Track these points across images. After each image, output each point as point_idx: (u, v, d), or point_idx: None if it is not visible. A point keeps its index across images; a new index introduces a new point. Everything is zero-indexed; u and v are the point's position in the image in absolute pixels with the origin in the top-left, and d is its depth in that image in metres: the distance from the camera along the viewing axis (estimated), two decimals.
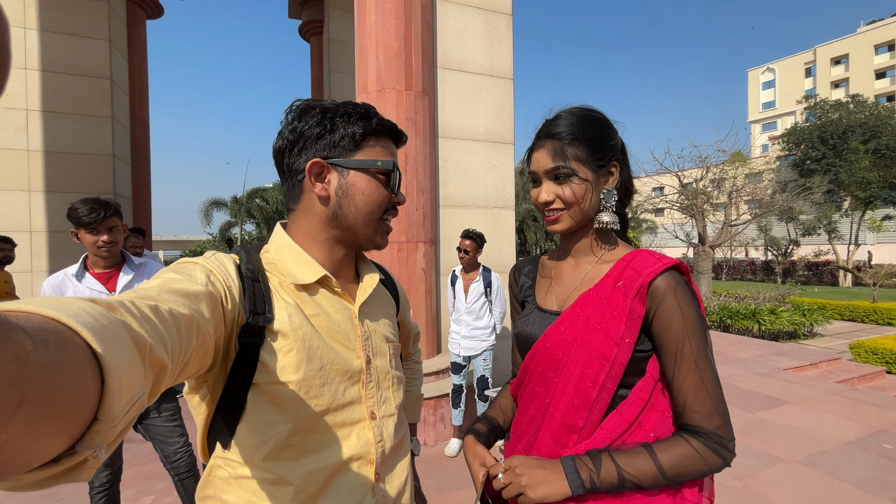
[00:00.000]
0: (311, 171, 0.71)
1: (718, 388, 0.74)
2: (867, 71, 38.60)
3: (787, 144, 20.17)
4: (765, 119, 46.58)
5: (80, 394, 0.26)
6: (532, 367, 0.85)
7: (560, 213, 0.82)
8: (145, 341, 0.36)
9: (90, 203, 1.75)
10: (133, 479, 2.85)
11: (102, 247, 1.79)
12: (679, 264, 0.77)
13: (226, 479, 0.69)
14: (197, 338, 0.50)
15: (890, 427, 3.65)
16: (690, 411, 0.73)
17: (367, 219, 0.74)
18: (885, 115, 18.24)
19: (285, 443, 0.66)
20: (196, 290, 0.55)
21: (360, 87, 3.58)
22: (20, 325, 0.24)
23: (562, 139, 0.80)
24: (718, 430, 0.72)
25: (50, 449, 0.26)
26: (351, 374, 0.73)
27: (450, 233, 3.87)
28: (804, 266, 20.28)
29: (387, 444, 0.76)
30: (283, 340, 0.66)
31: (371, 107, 0.75)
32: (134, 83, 7.47)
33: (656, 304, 0.74)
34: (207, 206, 21.82)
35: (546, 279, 0.93)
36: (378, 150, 0.74)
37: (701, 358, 0.73)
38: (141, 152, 7.57)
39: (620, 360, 0.74)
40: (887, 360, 5.69)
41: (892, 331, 8.48)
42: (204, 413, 0.69)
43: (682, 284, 0.75)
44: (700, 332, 0.74)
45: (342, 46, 7.66)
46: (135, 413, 0.33)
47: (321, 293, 0.73)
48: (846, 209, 18.65)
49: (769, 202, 12.94)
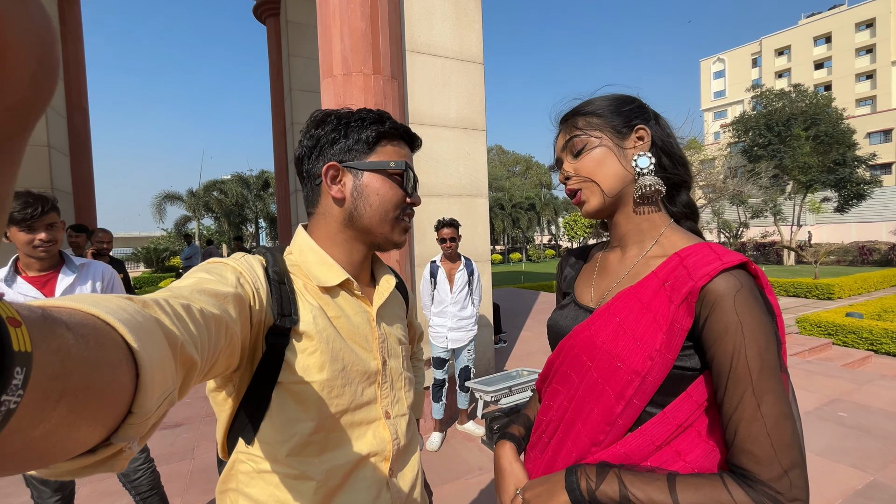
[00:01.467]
0: (326, 175, 0.74)
1: (787, 429, 0.56)
2: (807, 62, 41.13)
3: (737, 132, 21.21)
4: (716, 107, 48.84)
5: (116, 387, 0.28)
6: (557, 365, 0.79)
7: (580, 190, 0.75)
8: (177, 339, 0.37)
9: (24, 197, 1.54)
10: (88, 498, 2.62)
11: (40, 246, 1.58)
12: (748, 263, 0.62)
13: (249, 473, 0.70)
14: (225, 337, 0.52)
15: (842, 396, 3.91)
16: (739, 450, 0.58)
17: (383, 218, 0.76)
18: (824, 104, 19.45)
19: (308, 440, 0.68)
20: (226, 292, 0.56)
21: (325, 70, 3.38)
22: (63, 321, 0.25)
23: (575, 114, 0.77)
24: (775, 482, 0.54)
25: (88, 439, 0.27)
26: (368, 376, 0.76)
27: (423, 222, 3.77)
28: (753, 247, 21.55)
29: (401, 441, 0.80)
30: (307, 342, 0.68)
31: (385, 112, 0.78)
32: (69, 67, 6.81)
33: (707, 311, 0.61)
34: (160, 200, 20.61)
35: (590, 271, 0.86)
36: (391, 152, 0.76)
37: (763, 383, 0.57)
38: (81, 143, 6.95)
39: (654, 376, 0.63)
40: (829, 331, 6.11)
41: (832, 304, 9.15)
42: (228, 410, 0.70)
43: (748, 289, 0.60)
44: (764, 349, 0.58)
45: (302, 29, 7.28)
46: (166, 408, 0.34)
47: (342, 295, 0.76)
48: (789, 192, 19.89)
49: (722, 187, 13.60)
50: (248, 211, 22.37)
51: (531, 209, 28.83)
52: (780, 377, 0.59)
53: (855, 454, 2.89)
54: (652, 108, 0.78)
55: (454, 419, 3.57)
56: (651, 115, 0.76)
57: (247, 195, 21.89)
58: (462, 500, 2.54)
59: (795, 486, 0.54)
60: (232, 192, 21.29)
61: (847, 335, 5.91)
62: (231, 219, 21.62)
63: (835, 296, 9.87)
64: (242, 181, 21.98)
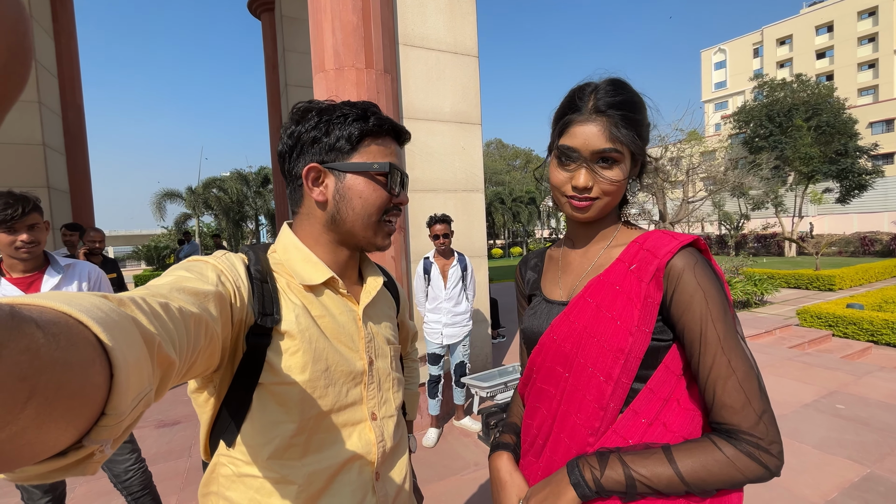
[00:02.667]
0: (307, 177, 0.71)
1: (754, 380, 0.63)
2: (809, 51, 40.75)
3: (738, 123, 21.05)
4: (717, 98, 48.49)
5: (88, 388, 0.27)
6: (539, 363, 0.77)
7: (593, 201, 0.72)
8: (154, 338, 0.36)
9: (4, 198, 1.52)
10: (84, 498, 2.63)
11: (22, 248, 1.56)
12: (697, 240, 0.69)
13: (229, 476, 0.69)
14: (205, 337, 0.50)
15: (840, 388, 3.90)
16: (719, 406, 0.63)
17: (365, 222, 0.73)
18: (825, 94, 19.28)
19: (289, 442, 0.67)
20: (206, 290, 0.55)
21: (317, 65, 3.34)
22: (33, 319, 0.24)
23: (616, 118, 0.69)
24: (753, 429, 0.61)
25: (57, 442, 0.26)
26: (354, 376, 0.74)
27: (418, 218, 3.75)
28: (754, 238, 21.47)
29: (387, 443, 0.77)
30: (289, 341, 0.66)
31: (370, 105, 0.74)
32: (63, 64, 6.76)
33: (673, 285, 0.66)
34: (160, 198, 20.57)
35: (553, 269, 0.85)
36: (376, 151, 0.73)
37: (729, 343, 0.64)
38: (76, 141, 6.91)
39: (636, 351, 0.66)
40: (830, 323, 6.10)
41: (833, 296, 9.13)
42: (209, 412, 0.69)
43: (702, 262, 0.67)
44: (725, 314, 0.65)
45: (297, 24, 7.22)
46: (142, 409, 0.33)
47: (327, 294, 0.74)
48: (791, 184, 19.78)
49: (723, 179, 13.52)
50: (247, 208, 22.32)
51: (531, 203, 28.74)
52: (741, 336, 0.66)
53: (852, 446, 2.88)
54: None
55: (450, 415, 3.57)
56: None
57: (246, 192, 21.85)
58: (458, 495, 2.54)
59: (770, 430, 0.62)
60: (231, 189, 21.24)
61: (847, 326, 5.89)
62: (230, 216, 21.58)
63: (836, 287, 9.85)
64: (242, 178, 21.92)
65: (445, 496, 2.53)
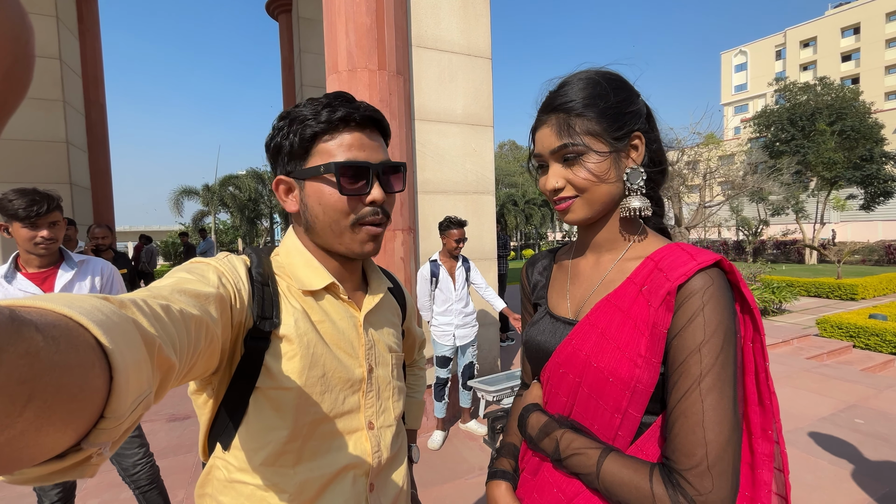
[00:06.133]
0: (278, 189, 0.71)
1: (724, 430, 0.54)
2: (834, 54, 39.65)
3: (758, 126, 20.59)
4: (737, 101, 47.50)
5: (88, 390, 0.27)
6: (544, 382, 0.74)
7: (572, 200, 0.68)
8: (154, 340, 0.36)
9: (29, 195, 1.57)
10: (97, 488, 2.69)
11: (41, 243, 1.61)
12: (721, 261, 0.61)
13: (222, 480, 0.69)
14: (205, 339, 0.50)
15: (860, 402, 3.78)
16: (673, 445, 0.56)
17: (332, 228, 0.69)
18: (850, 98, 18.75)
19: (282, 449, 0.66)
20: (207, 292, 0.55)
21: (330, 66, 3.37)
22: (33, 322, 0.24)
23: (568, 111, 0.66)
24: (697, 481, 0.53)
25: (56, 444, 0.26)
26: (352, 383, 0.72)
27: (428, 219, 3.75)
28: (773, 245, 20.98)
29: (383, 454, 0.75)
30: (287, 345, 0.66)
31: (336, 97, 0.68)
32: (87, 63, 6.95)
33: (677, 308, 0.60)
34: (177, 195, 20.99)
35: (562, 279, 0.80)
36: (329, 150, 0.67)
37: (709, 381, 0.56)
38: (98, 138, 7.10)
39: (644, 384, 0.61)
40: (851, 333, 5.91)
41: (855, 305, 8.85)
42: (208, 413, 0.68)
43: (719, 287, 0.59)
44: (721, 350, 0.57)
45: (313, 25, 7.29)
46: (141, 412, 0.33)
47: (327, 299, 0.73)
48: (813, 189, 19.28)
49: (741, 183, 13.23)
50: (262, 206, 22.63)
51: (545, 205, 28.53)
52: (732, 379, 0.57)
53: (870, 463, 2.78)
54: (645, 103, 0.72)
55: (457, 418, 3.55)
56: (644, 112, 0.70)
57: (261, 190, 22.13)
58: (462, 499, 2.52)
59: (717, 490, 0.53)
60: (246, 187, 21.54)
61: (870, 338, 5.71)
62: (245, 213, 21.89)
63: (858, 296, 9.56)
64: (257, 176, 22.21)
65: (449, 499, 2.52)
